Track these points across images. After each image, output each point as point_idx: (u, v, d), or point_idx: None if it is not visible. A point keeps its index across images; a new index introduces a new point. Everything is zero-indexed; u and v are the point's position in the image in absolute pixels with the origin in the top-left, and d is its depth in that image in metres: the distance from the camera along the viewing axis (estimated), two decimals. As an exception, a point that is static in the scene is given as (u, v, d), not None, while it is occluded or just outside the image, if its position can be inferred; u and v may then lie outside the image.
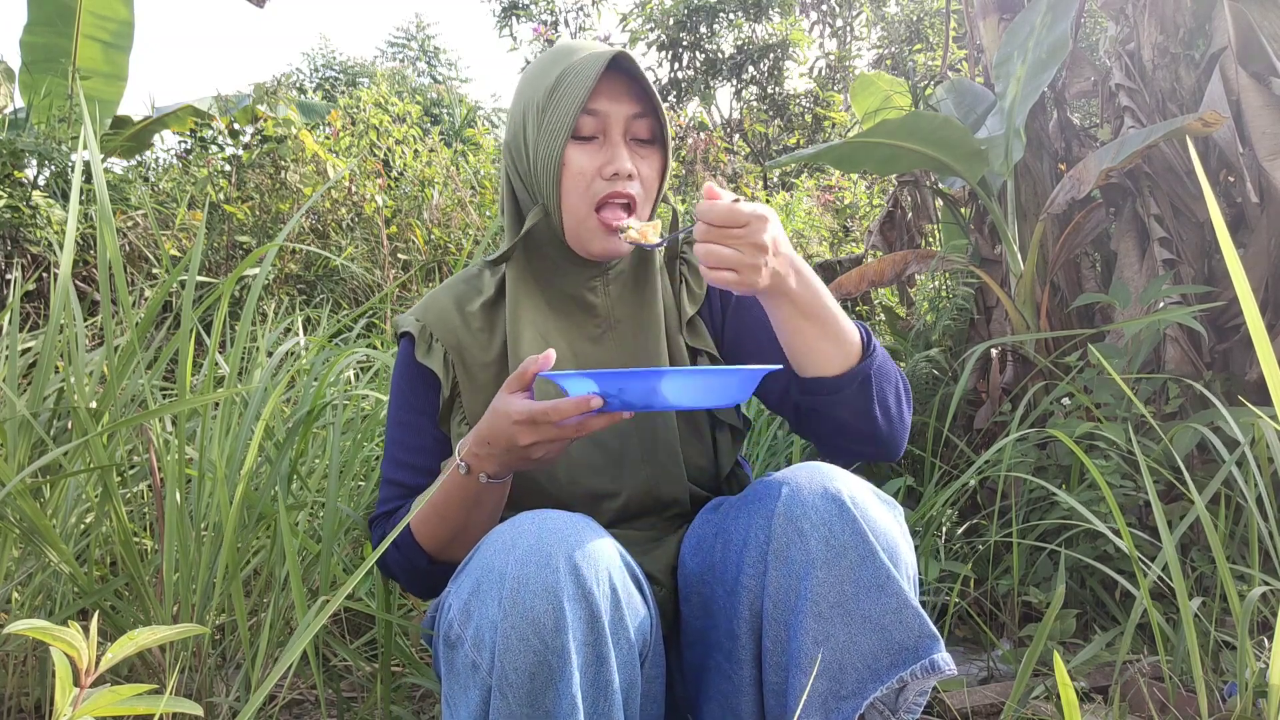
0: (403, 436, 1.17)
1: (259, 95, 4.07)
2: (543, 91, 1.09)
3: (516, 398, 0.95)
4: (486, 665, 0.86)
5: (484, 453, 0.98)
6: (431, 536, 1.09)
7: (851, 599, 0.90)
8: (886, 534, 0.93)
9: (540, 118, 1.09)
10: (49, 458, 1.24)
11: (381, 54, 21.06)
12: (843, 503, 0.92)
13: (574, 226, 1.11)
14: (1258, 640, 1.59)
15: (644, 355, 1.16)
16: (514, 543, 0.87)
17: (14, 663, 1.41)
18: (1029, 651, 1.28)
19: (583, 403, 0.90)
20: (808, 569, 0.91)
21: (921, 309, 2.79)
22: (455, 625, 0.90)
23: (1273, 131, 2.03)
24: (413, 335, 1.17)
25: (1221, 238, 0.91)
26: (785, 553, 0.93)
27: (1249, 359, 2.14)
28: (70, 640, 0.65)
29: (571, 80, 1.07)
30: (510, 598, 0.84)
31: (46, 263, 3.10)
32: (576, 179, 1.09)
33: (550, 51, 1.14)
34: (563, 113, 1.07)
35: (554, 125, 1.07)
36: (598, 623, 0.86)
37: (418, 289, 3.71)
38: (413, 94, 10.24)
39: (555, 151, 1.07)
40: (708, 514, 1.09)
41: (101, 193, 1.36)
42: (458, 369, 1.15)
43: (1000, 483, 2.00)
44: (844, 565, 0.90)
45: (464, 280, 1.22)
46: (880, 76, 3.74)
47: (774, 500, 0.95)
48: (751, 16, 7.37)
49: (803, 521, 0.92)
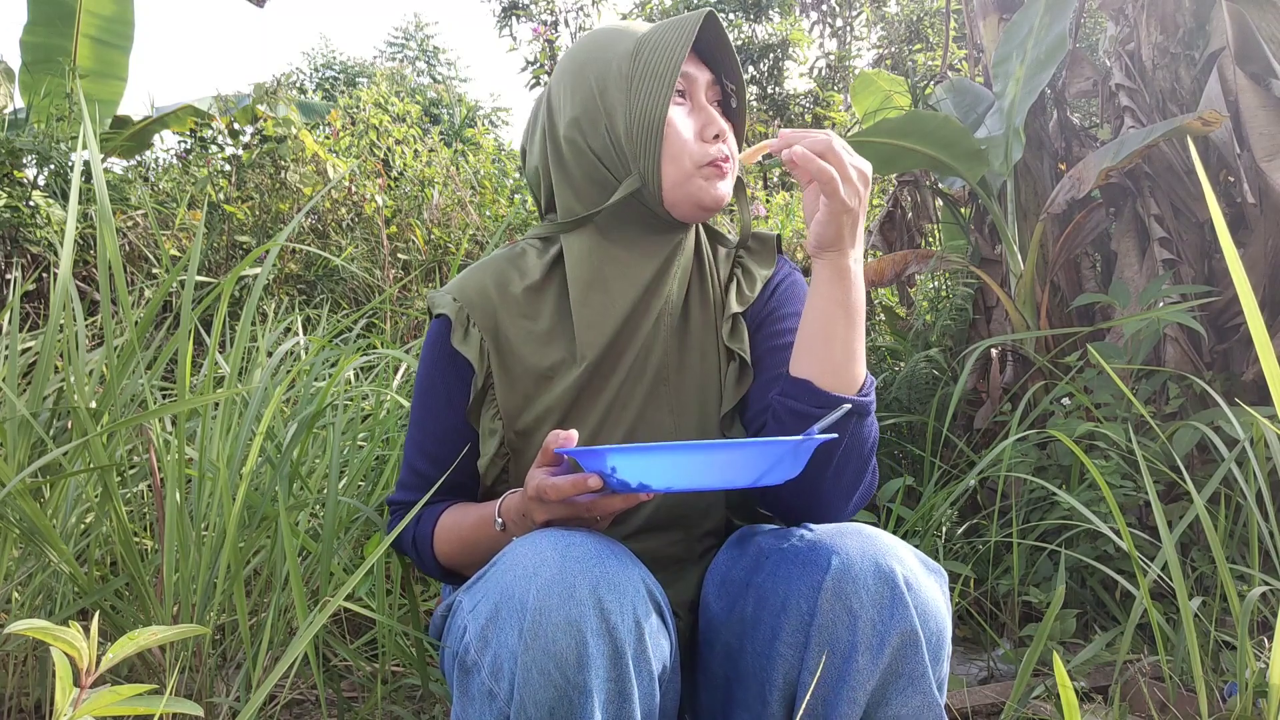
0: (427, 421, 1.14)
1: (259, 95, 4.07)
2: (623, 57, 1.07)
3: (538, 472, 0.92)
4: (504, 696, 0.84)
5: (516, 519, 0.98)
6: (453, 558, 1.09)
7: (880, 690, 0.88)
8: (935, 617, 0.89)
9: (629, 83, 1.06)
10: (49, 458, 1.24)
11: (381, 54, 21.06)
12: (896, 585, 0.87)
13: (680, 183, 1.08)
14: (1258, 640, 1.59)
15: (696, 354, 1.12)
16: (536, 570, 0.84)
17: (14, 663, 1.41)
18: (1029, 651, 1.28)
19: (580, 482, 0.87)
20: (852, 652, 0.88)
21: (921, 309, 2.79)
22: (472, 651, 0.87)
23: (1270, 132, 2.03)
24: (448, 317, 1.12)
25: (1222, 237, 0.91)
26: (832, 630, 0.88)
27: (1248, 358, 2.14)
28: (70, 640, 0.65)
29: (663, 41, 1.06)
30: (531, 629, 0.81)
31: (46, 262, 3.10)
32: (679, 142, 1.07)
33: (601, 30, 1.12)
34: (660, 76, 1.05)
35: (651, 89, 1.05)
36: (621, 659, 0.83)
37: (418, 289, 3.71)
38: (412, 94, 10.24)
39: (657, 114, 1.05)
40: (733, 551, 1.04)
41: (101, 193, 1.36)
42: (493, 358, 1.10)
43: (1000, 483, 2.01)
44: (886, 654, 0.87)
45: (506, 259, 1.16)
46: (880, 76, 3.74)
47: (822, 571, 0.89)
48: (751, 16, 7.37)
49: (853, 600, 0.87)
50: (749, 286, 1.17)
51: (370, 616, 1.22)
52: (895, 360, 2.74)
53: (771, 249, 1.20)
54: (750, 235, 1.20)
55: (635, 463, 0.84)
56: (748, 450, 0.85)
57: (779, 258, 1.21)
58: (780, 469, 0.87)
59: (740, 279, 1.17)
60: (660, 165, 1.07)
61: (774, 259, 1.20)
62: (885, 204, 3.18)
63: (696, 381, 1.12)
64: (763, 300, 1.16)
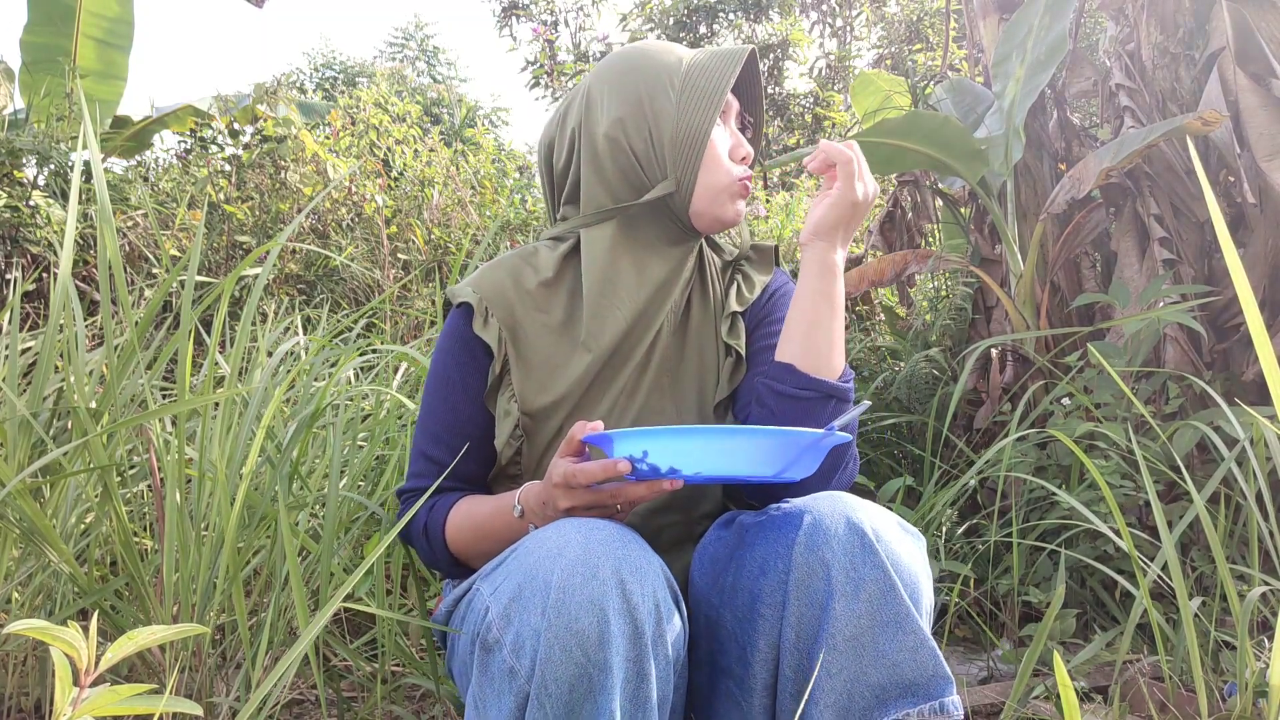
0: (441, 409, 1.17)
1: (259, 95, 4.07)
2: (674, 68, 1.16)
3: (563, 460, 0.95)
4: (525, 672, 0.85)
5: (536, 508, 1.00)
6: (465, 547, 1.11)
7: (867, 633, 0.89)
8: (909, 568, 0.91)
9: (678, 96, 1.15)
10: (49, 458, 1.24)
11: (381, 54, 21.05)
12: (865, 535, 0.90)
13: (711, 195, 1.17)
14: (1258, 640, 1.59)
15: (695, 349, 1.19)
16: (560, 551, 0.86)
17: (14, 663, 1.41)
18: (1029, 651, 1.28)
19: (610, 467, 0.89)
20: (828, 600, 0.90)
21: (921, 309, 2.79)
22: (494, 629, 0.89)
23: (1270, 132, 2.03)
24: (470, 305, 1.17)
25: (1222, 237, 0.91)
26: (807, 583, 0.91)
27: (1248, 358, 2.14)
28: (70, 640, 0.65)
29: (715, 64, 1.15)
30: (555, 607, 0.83)
31: (46, 262, 3.10)
32: (717, 159, 1.17)
33: (647, 43, 1.21)
34: (711, 90, 1.14)
35: (700, 102, 1.14)
36: (641, 638, 0.85)
37: (418, 289, 3.71)
38: (412, 94, 10.24)
39: (704, 127, 1.14)
40: (720, 530, 1.08)
41: (101, 192, 1.36)
42: (510, 347, 1.15)
43: (1000, 483, 2.00)
44: (863, 599, 0.89)
45: (520, 257, 1.22)
46: (880, 76, 3.74)
47: (795, 529, 0.93)
48: (751, 16, 7.37)
49: (825, 551, 0.90)
50: (748, 289, 1.25)
51: (370, 613, 1.22)
52: (895, 360, 2.74)
53: (770, 258, 1.29)
54: (750, 246, 1.30)
55: (668, 446, 0.86)
56: (776, 438, 0.88)
57: (776, 269, 1.30)
58: (802, 463, 0.91)
59: (740, 283, 1.25)
60: (696, 175, 1.16)
61: (772, 267, 1.29)
62: (885, 204, 3.18)
63: (695, 373, 1.19)
64: (760, 303, 1.24)
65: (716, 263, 1.26)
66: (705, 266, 1.24)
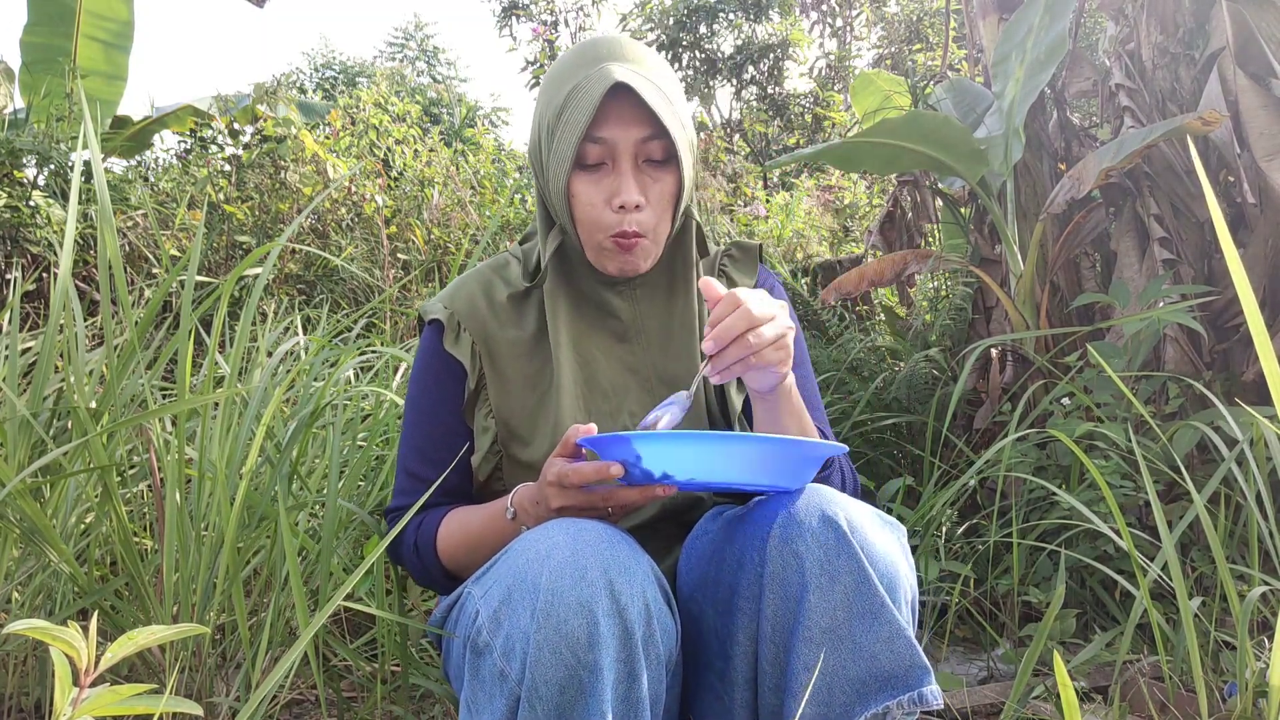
0: (422, 425, 1.16)
1: (259, 95, 4.07)
2: (553, 111, 1.07)
3: (557, 459, 0.95)
4: (516, 675, 0.85)
5: (529, 508, 1.00)
6: (458, 559, 1.10)
7: (843, 625, 0.89)
8: (885, 559, 0.91)
9: (550, 141, 1.08)
10: (49, 458, 1.24)
11: (381, 54, 21.04)
12: (839, 527, 0.90)
13: (591, 249, 1.12)
14: (1258, 640, 1.59)
15: (671, 364, 1.16)
16: (548, 553, 0.86)
17: (14, 663, 1.41)
18: (1029, 651, 1.28)
19: (602, 469, 0.89)
20: (803, 593, 0.89)
21: (921, 309, 2.79)
22: (484, 632, 0.89)
23: (1270, 132, 2.03)
24: (441, 322, 1.16)
25: (1222, 237, 0.91)
26: (782, 576, 0.91)
27: (1248, 358, 2.14)
28: (70, 640, 0.65)
29: (575, 105, 1.04)
30: (544, 609, 0.83)
31: (46, 262, 3.10)
32: (586, 209, 1.08)
33: (575, 51, 1.11)
34: (566, 143, 1.05)
35: (560, 154, 1.06)
36: (631, 639, 0.85)
37: (417, 289, 3.71)
38: (412, 94, 10.24)
39: (562, 181, 1.07)
40: (706, 525, 1.08)
41: (102, 192, 1.36)
42: (484, 360, 1.14)
43: (1000, 483, 2.00)
44: (837, 591, 0.89)
45: (492, 269, 1.21)
46: (880, 76, 3.74)
47: (770, 523, 0.93)
48: (751, 16, 7.36)
49: (798, 544, 0.90)
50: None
51: (370, 613, 1.22)
52: (895, 360, 2.74)
53: (754, 258, 1.25)
54: (734, 244, 1.25)
55: (661, 451, 0.86)
56: (770, 446, 0.87)
57: (760, 267, 1.26)
58: (797, 473, 0.90)
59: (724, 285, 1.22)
60: (575, 227, 1.11)
61: (756, 268, 1.25)
62: (885, 204, 3.18)
63: (681, 378, 1.17)
64: None
65: (700, 262, 1.23)
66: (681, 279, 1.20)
